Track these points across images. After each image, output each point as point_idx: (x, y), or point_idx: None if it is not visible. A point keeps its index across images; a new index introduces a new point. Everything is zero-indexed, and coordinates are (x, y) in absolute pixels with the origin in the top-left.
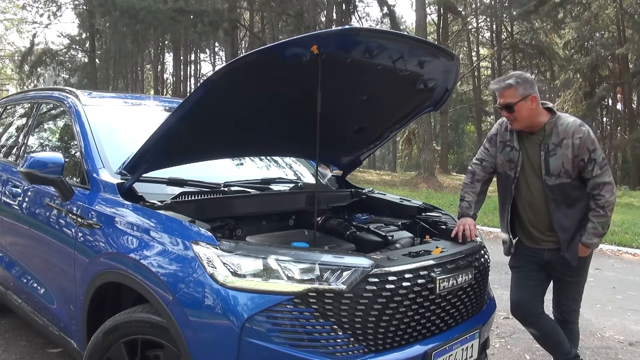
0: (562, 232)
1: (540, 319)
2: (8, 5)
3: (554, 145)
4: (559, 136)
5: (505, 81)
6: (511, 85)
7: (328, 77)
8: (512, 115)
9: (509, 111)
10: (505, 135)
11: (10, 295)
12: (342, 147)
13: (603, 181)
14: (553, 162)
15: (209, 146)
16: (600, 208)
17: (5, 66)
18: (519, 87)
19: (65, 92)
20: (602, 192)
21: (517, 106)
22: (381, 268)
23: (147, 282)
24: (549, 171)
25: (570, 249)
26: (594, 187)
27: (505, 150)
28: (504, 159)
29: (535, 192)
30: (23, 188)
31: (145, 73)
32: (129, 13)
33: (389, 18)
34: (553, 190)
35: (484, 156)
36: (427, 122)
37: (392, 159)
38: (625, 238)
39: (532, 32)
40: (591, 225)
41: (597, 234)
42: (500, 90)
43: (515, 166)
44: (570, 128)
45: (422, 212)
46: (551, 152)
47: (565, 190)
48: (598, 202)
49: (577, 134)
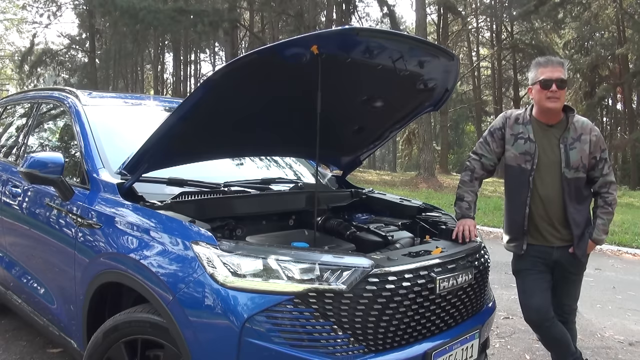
0: (576, 226)
1: (554, 322)
2: (8, 5)
3: (573, 139)
4: (577, 132)
5: (557, 58)
6: (563, 63)
7: (328, 77)
8: (559, 92)
9: (561, 87)
10: (516, 128)
11: (10, 295)
12: (342, 147)
13: (611, 180)
14: (573, 155)
15: (209, 146)
16: (609, 205)
17: (5, 66)
18: (565, 70)
19: (65, 92)
20: (610, 190)
21: (566, 85)
22: (381, 268)
23: (147, 282)
24: (569, 164)
25: (581, 245)
26: (603, 185)
27: (518, 143)
28: (517, 152)
29: (550, 186)
30: (23, 188)
31: (145, 73)
32: (129, 13)
33: (389, 18)
34: (570, 183)
35: (484, 151)
36: (427, 122)
37: (392, 159)
38: (625, 238)
39: (532, 32)
40: (600, 222)
41: (605, 231)
42: (555, 64)
43: (532, 158)
44: (587, 125)
45: (422, 212)
46: (570, 145)
47: (579, 185)
48: (606, 200)
49: (594, 132)
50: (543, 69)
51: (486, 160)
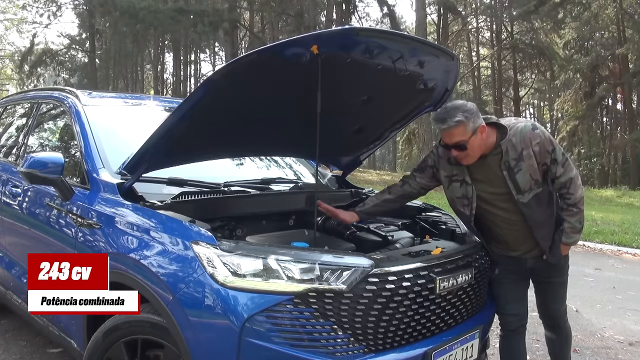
0: (543, 241)
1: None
2: (8, 5)
3: (515, 160)
4: (517, 149)
5: (453, 119)
6: (460, 122)
7: (328, 77)
8: (463, 153)
9: (460, 150)
10: (450, 169)
11: (10, 295)
12: (342, 147)
13: (568, 178)
14: (520, 178)
15: (209, 146)
16: (572, 206)
17: (5, 66)
18: (469, 123)
19: (65, 92)
20: (570, 190)
21: (470, 143)
22: (381, 268)
23: (147, 282)
24: (519, 189)
25: (553, 253)
26: (561, 187)
27: (453, 186)
28: (453, 195)
29: (507, 214)
30: (23, 188)
31: (145, 73)
32: (129, 13)
33: (389, 18)
34: (528, 205)
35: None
36: (427, 122)
37: (392, 159)
38: (625, 238)
39: (532, 32)
40: (568, 225)
41: (575, 231)
42: (449, 129)
43: (470, 202)
44: (526, 136)
45: (422, 212)
46: (515, 169)
47: (538, 201)
48: (568, 202)
49: (534, 140)
50: (439, 131)
51: (408, 188)
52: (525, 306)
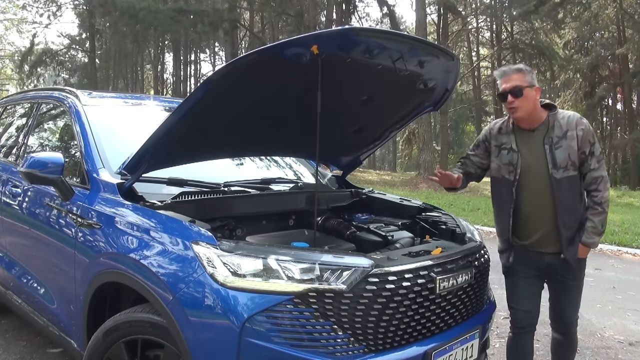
0: (564, 229)
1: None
2: (8, 5)
3: (558, 137)
4: (562, 129)
5: (514, 67)
6: (521, 69)
7: (328, 77)
8: (516, 101)
9: (515, 95)
10: (500, 138)
11: (10, 295)
12: (342, 147)
13: (600, 174)
14: (559, 154)
15: (209, 146)
16: (598, 205)
17: (5, 66)
18: (527, 74)
19: (65, 92)
20: (599, 187)
21: (526, 91)
22: (381, 268)
23: (147, 282)
24: (555, 164)
25: (570, 249)
26: (591, 182)
27: (502, 154)
28: (500, 162)
29: (540, 190)
30: (23, 188)
31: (145, 73)
32: (129, 13)
33: (389, 18)
34: (560, 184)
35: (467, 161)
36: (427, 122)
37: (392, 159)
38: (625, 238)
39: (532, 32)
40: (590, 224)
41: (596, 232)
42: (509, 73)
43: (515, 168)
44: (573, 120)
45: (422, 212)
46: (556, 145)
47: (571, 185)
48: (595, 199)
49: (580, 126)
50: (500, 80)
51: (466, 168)
52: (537, 305)
